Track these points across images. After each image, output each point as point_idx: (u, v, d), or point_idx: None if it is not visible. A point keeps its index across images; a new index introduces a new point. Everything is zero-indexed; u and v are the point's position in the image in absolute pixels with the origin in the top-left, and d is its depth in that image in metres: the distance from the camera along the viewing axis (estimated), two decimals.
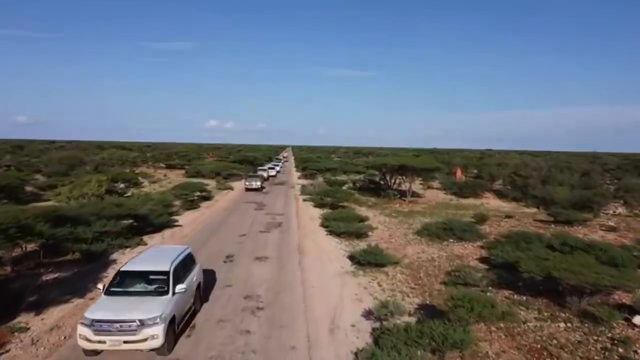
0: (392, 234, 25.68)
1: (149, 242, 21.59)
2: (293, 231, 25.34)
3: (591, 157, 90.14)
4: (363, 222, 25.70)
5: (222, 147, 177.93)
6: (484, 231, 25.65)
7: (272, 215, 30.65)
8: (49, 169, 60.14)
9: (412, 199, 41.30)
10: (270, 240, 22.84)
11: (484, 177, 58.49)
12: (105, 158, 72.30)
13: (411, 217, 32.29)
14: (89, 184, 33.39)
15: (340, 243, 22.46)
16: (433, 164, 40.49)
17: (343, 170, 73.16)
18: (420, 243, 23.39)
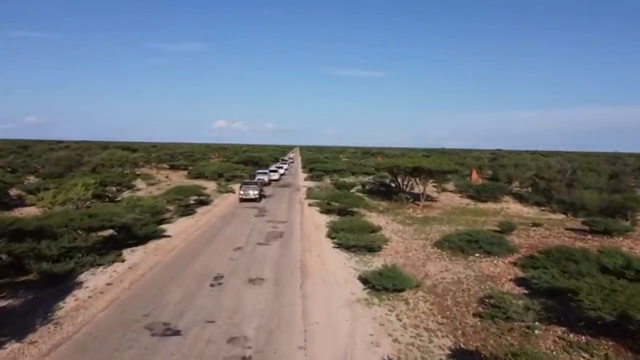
0: (408, 246, 22.58)
1: (128, 257, 18.67)
2: (296, 243, 22.31)
3: (611, 158, 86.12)
4: (375, 232, 22.64)
5: (228, 148, 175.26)
6: (512, 243, 22.56)
7: (273, 224, 27.63)
8: (45, 170, 57.62)
9: (426, 203, 38.16)
10: (269, 255, 19.80)
11: (501, 179, 55.24)
12: (105, 159, 69.73)
13: (427, 225, 29.21)
14: (75, 188, 30.72)
15: (350, 259, 19.39)
16: (450, 166, 37.32)
17: (351, 172, 70.12)
18: (442, 258, 20.28)
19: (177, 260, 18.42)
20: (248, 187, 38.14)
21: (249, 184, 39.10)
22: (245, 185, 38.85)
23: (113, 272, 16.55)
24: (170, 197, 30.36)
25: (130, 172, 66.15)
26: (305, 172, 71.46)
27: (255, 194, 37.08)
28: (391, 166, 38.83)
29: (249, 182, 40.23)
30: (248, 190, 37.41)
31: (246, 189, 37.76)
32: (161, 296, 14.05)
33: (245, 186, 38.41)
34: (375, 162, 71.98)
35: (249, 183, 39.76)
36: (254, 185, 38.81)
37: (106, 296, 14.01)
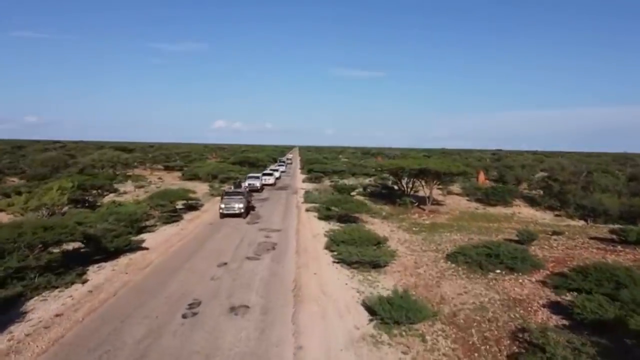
0: (418, 260, 19.85)
1: (92, 277, 15.93)
2: (290, 257, 19.51)
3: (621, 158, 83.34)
4: (380, 244, 19.91)
5: (226, 148, 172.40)
6: (536, 256, 19.87)
7: (266, 232, 24.85)
8: (31, 172, 54.82)
9: (433, 208, 35.43)
10: (258, 272, 16.99)
11: (509, 181, 52.50)
12: (95, 159, 66.84)
13: (436, 233, 26.53)
14: (50, 192, 28.00)
15: (352, 277, 16.63)
16: (459, 168, 34.52)
17: (351, 173, 67.39)
18: (458, 275, 17.56)
19: (149, 280, 15.66)
20: (231, 198, 30.28)
21: (232, 195, 30.90)
22: (228, 196, 30.74)
23: (69, 297, 13.80)
24: (154, 202, 27.52)
25: (122, 173, 63.51)
26: (304, 173, 68.62)
27: (241, 208, 29.33)
28: (395, 168, 36.03)
29: (233, 193, 31.63)
30: (231, 203, 29.59)
31: (229, 201, 29.89)
32: (118, 334, 11.26)
33: (228, 198, 30.46)
34: (376, 163, 69.23)
35: (232, 194, 31.35)
36: (238, 196, 30.70)
37: (50, 333, 11.25)
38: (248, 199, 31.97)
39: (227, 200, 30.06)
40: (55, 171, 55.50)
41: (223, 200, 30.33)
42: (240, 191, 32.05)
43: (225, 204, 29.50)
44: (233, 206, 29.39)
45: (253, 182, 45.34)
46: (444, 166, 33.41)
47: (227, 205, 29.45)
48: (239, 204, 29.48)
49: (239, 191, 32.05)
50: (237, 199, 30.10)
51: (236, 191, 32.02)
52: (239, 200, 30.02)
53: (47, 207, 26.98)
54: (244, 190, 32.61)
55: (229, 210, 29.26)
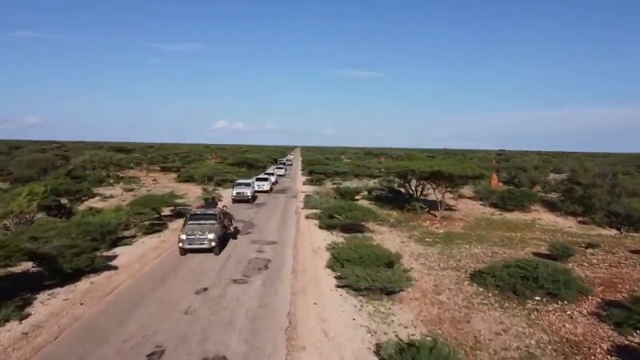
0: (437, 281, 16.65)
1: (37, 309, 12.77)
2: (285, 279, 16.26)
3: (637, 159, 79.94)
4: (393, 263, 16.69)
5: (227, 148, 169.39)
6: (577, 276, 16.65)
7: (259, 245, 21.64)
8: (17, 173, 51.69)
9: (445, 214, 32.20)
10: (244, 302, 13.74)
11: (523, 183, 49.23)
12: (86, 160, 63.84)
13: (453, 245, 23.38)
14: (18, 198, 24.93)
15: (361, 309, 13.41)
16: (475, 170, 31.28)
17: (354, 174, 64.22)
18: (490, 304, 14.37)
19: (107, 315, 12.48)
20: (198, 224, 20.27)
21: (199, 219, 20.76)
22: (194, 220, 20.71)
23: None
24: (133, 210, 24.33)
25: (114, 175, 60.52)
26: (305, 175, 65.39)
27: (212, 240, 19.34)
28: (404, 170, 32.79)
29: (201, 215, 21.18)
30: (197, 231, 19.58)
31: (193, 229, 19.84)
32: None
33: (193, 223, 20.44)
34: (383, 165, 66.12)
35: (199, 217, 21.02)
36: (209, 220, 20.61)
37: None
38: (224, 224, 22.00)
39: (191, 226, 20.07)
40: (43, 173, 52.55)
41: (185, 226, 20.26)
42: (212, 213, 21.41)
43: (188, 234, 19.32)
44: (199, 237, 19.28)
45: (242, 190, 37.32)
46: (458, 169, 30.19)
47: (189, 236, 19.24)
48: (209, 234, 19.34)
49: (209, 213, 21.36)
50: (206, 226, 19.97)
51: (206, 213, 21.32)
52: (210, 227, 19.90)
53: (14, 214, 23.99)
54: (218, 212, 21.79)
55: (192, 244, 19.19)
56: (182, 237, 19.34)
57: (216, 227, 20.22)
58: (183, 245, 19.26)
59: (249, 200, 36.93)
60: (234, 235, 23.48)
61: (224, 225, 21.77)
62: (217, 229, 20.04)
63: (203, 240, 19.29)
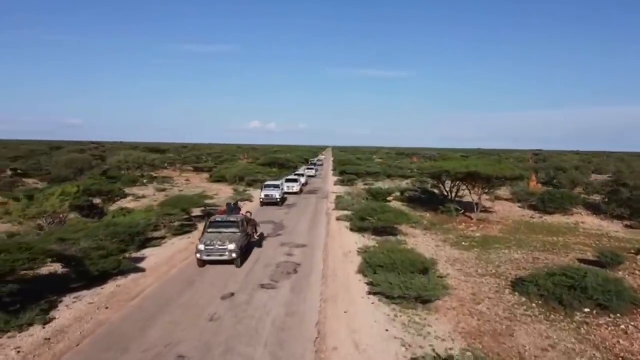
0: (476, 289, 15.69)
1: (62, 313, 12.52)
2: (315, 285, 15.62)
3: None
4: (428, 270, 15.83)
5: (259, 148, 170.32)
6: (628, 285, 15.39)
7: (289, 248, 21.10)
8: (54, 173, 52.95)
9: (481, 216, 30.96)
10: (271, 310, 13.15)
11: (564, 185, 47.09)
12: (121, 160, 64.94)
13: (491, 250, 22.28)
14: (51, 199, 25.16)
15: (394, 320, 12.62)
16: (514, 172, 29.89)
17: (387, 175, 63.10)
18: (534, 316, 13.35)
19: (130, 321, 12.12)
20: (219, 231, 18.70)
21: (221, 226, 19.12)
22: (214, 228, 19.07)
23: (15, 349, 10.37)
24: (163, 211, 24.16)
25: (148, 175, 61.34)
26: (336, 175, 64.65)
27: (232, 252, 17.34)
28: (438, 171, 31.68)
29: (222, 223, 19.35)
30: (217, 240, 17.72)
31: (213, 237, 18.08)
32: None
33: (214, 230, 18.88)
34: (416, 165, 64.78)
35: (220, 224, 19.25)
36: (230, 229, 18.80)
37: None
38: (248, 232, 20.12)
39: (210, 235, 18.31)
40: (79, 173, 53.68)
41: (204, 235, 18.61)
42: (234, 220, 19.47)
43: (206, 244, 17.46)
44: (219, 247, 17.40)
45: (271, 193, 35.45)
46: (496, 169, 28.89)
47: (208, 246, 17.39)
48: (229, 244, 17.38)
49: (231, 220, 19.46)
50: (227, 235, 18.18)
51: (228, 220, 19.49)
52: (231, 236, 18.05)
53: (47, 214, 24.23)
54: (240, 219, 19.83)
55: (211, 255, 17.38)
56: (200, 248, 17.46)
57: (238, 236, 18.37)
58: (201, 256, 17.47)
59: (278, 203, 35.30)
60: (259, 243, 21.77)
61: (247, 233, 19.93)
62: (239, 239, 18.16)
63: (223, 252, 17.36)
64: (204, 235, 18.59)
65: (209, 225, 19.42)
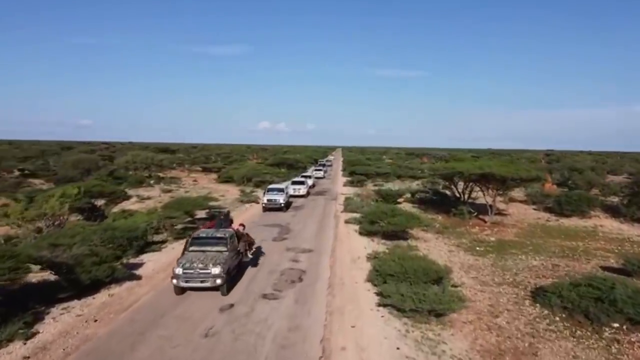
0: (493, 300, 14.60)
1: (47, 327, 11.64)
2: (320, 295, 14.60)
3: None
4: (442, 279, 14.77)
5: (268, 148, 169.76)
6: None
7: (294, 253, 20.11)
8: (61, 174, 52.45)
9: (495, 219, 29.75)
10: (273, 324, 12.12)
11: (580, 186, 45.60)
12: (129, 161, 64.38)
13: (507, 254, 21.19)
14: (51, 200, 24.45)
15: (406, 336, 11.56)
16: (530, 173, 28.64)
17: (396, 175, 61.92)
18: (558, 331, 12.23)
19: (119, 336, 11.18)
20: (203, 250, 15.33)
21: (205, 243, 15.70)
22: (197, 245, 15.62)
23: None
24: (165, 213, 23.30)
25: (155, 175, 60.75)
26: (345, 176, 63.57)
27: (218, 274, 14.03)
28: (451, 172, 30.53)
29: (207, 239, 15.94)
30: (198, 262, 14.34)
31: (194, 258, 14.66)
32: None
33: (197, 249, 15.44)
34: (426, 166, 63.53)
35: (205, 241, 15.83)
36: (217, 245, 15.57)
37: None
38: (239, 250, 16.69)
39: (191, 256, 14.89)
40: (86, 174, 53.13)
41: (184, 255, 15.16)
42: (222, 236, 15.97)
43: (185, 267, 14.06)
44: (200, 271, 14.01)
45: (274, 197, 32.37)
46: (511, 170, 27.69)
47: (187, 270, 14.00)
48: (213, 267, 14.04)
49: (218, 236, 15.97)
50: (211, 255, 14.83)
51: (213, 236, 16.00)
52: (216, 257, 14.69)
53: (47, 217, 23.50)
54: (230, 234, 16.26)
55: (191, 281, 14.01)
56: (176, 272, 13.93)
57: (225, 256, 14.91)
58: (178, 282, 13.95)
59: (282, 208, 32.27)
60: (255, 261, 18.34)
61: (237, 252, 16.45)
62: (226, 260, 14.69)
63: (205, 276, 13.91)
64: (184, 256, 15.11)
65: (190, 242, 15.88)
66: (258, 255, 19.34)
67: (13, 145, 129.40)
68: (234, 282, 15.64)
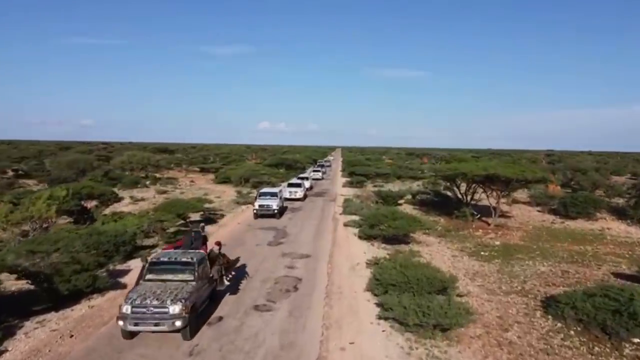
0: (502, 312, 13.61)
1: (18, 343, 10.65)
2: (316, 306, 13.57)
3: None
4: (447, 289, 13.79)
5: (268, 149, 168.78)
6: None
7: (291, 259, 19.11)
8: (54, 174, 51.41)
9: (499, 221, 28.79)
10: (263, 341, 10.99)
11: (584, 187, 44.60)
12: (125, 161, 63.41)
13: (514, 260, 20.26)
14: (38, 202, 23.48)
15: (410, 353, 10.52)
16: (536, 174, 27.66)
17: (396, 176, 60.98)
18: (574, 347, 11.29)
19: (94, 355, 10.17)
20: (162, 280, 11.78)
21: (166, 270, 12.15)
22: (156, 273, 12.03)
23: None
24: (156, 216, 22.30)
25: (151, 176, 59.77)
26: (345, 176, 62.57)
27: (177, 314, 10.60)
28: (454, 173, 29.55)
29: (169, 265, 12.36)
30: (153, 296, 10.92)
31: (148, 291, 11.15)
32: None
33: (154, 278, 11.89)
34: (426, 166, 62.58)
35: (166, 267, 12.27)
36: (182, 272, 12.08)
37: None
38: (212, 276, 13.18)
39: (145, 287, 11.47)
40: (81, 174, 52.18)
41: (137, 287, 11.67)
42: (188, 260, 12.44)
43: (134, 305, 10.80)
44: (154, 310, 10.72)
45: (266, 203, 29.02)
46: (517, 171, 26.73)
47: (137, 307, 10.76)
48: (172, 304, 10.74)
49: (183, 261, 12.46)
50: (172, 287, 11.41)
51: (177, 261, 12.48)
52: (178, 289, 11.28)
53: (33, 220, 22.54)
54: (199, 258, 12.66)
55: (141, 323, 10.66)
56: (123, 310, 10.67)
57: (191, 288, 11.38)
58: (125, 324, 10.56)
59: (275, 215, 28.96)
60: (234, 287, 14.70)
61: (209, 279, 12.92)
62: (191, 293, 11.18)
63: (161, 317, 10.51)
64: (136, 287, 11.57)
65: (147, 268, 12.11)
66: (240, 277, 16.03)
67: (12, 145, 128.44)
68: (202, 320, 12.08)
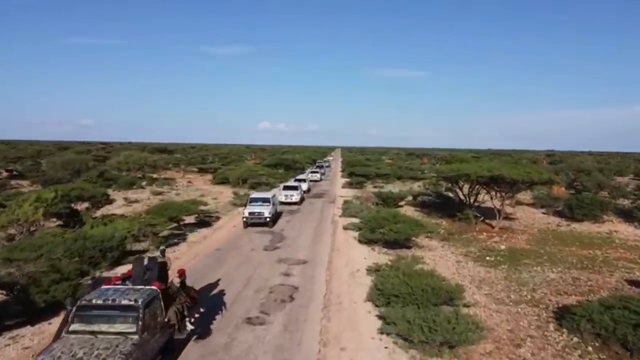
0: (512, 325, 12.66)
1: None
2: (313, 319, 12.59)
3: None
4: (454, 299, 12.85)
5: (267, 149, 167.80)
6: None
7: (287, 265, 18.15)
8: (49, 175, 50.37)
9: (504, 224, 27.85)
10: (255, 359, 10.25)
11: (589, 188, 43.62)
12: (121, 161, 62.37)
13: (521, 265, 19.36)
14: (24, 205, 22.55)
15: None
16: (542, 175, 26.68)
17: (397, 176, 60.05)
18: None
19: None
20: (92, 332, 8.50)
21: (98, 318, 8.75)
22: (85, 322, 8.72)
23: None
24: (146, 220, 21.30)
25: (148, 176, 58.80)
26: (345, 177, 61.56)
27: None
28: (457, 174, 28.60)
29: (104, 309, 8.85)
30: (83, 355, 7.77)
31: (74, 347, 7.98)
32: None
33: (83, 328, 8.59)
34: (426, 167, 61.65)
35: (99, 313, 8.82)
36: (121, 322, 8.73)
37: None
38: (168, 322, 9.96)
39: (70, 342, 8.24)
40: (76, 175, 51.23)
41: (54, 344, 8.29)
42: (129, 304, 8.97)
43: None
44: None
45: (257, 210, 26.26)
46: (522, 173, 25.78)
47: None
48: None
49: (122, 305, 8.97)
50: (102, 343, 8.23)
51: (115, 305, 9.00)
52: (113, 344, 8.22)
53: (19, 223, 21.62)
54: (146, 299, 9.18)
55: None
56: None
57: (131, 345, 8.37)
58: None
59: (267, 223, 26.05)
60: (204, 332, 11.42)
61: (163, 326, 9.77)
62: (131, 352, 8.19)
63: None
64: (52, 345, 8.37)
65: (73, 315, 8.92)
66: (211, 321, 12.27)
67: (10, 145, 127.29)
68: None
